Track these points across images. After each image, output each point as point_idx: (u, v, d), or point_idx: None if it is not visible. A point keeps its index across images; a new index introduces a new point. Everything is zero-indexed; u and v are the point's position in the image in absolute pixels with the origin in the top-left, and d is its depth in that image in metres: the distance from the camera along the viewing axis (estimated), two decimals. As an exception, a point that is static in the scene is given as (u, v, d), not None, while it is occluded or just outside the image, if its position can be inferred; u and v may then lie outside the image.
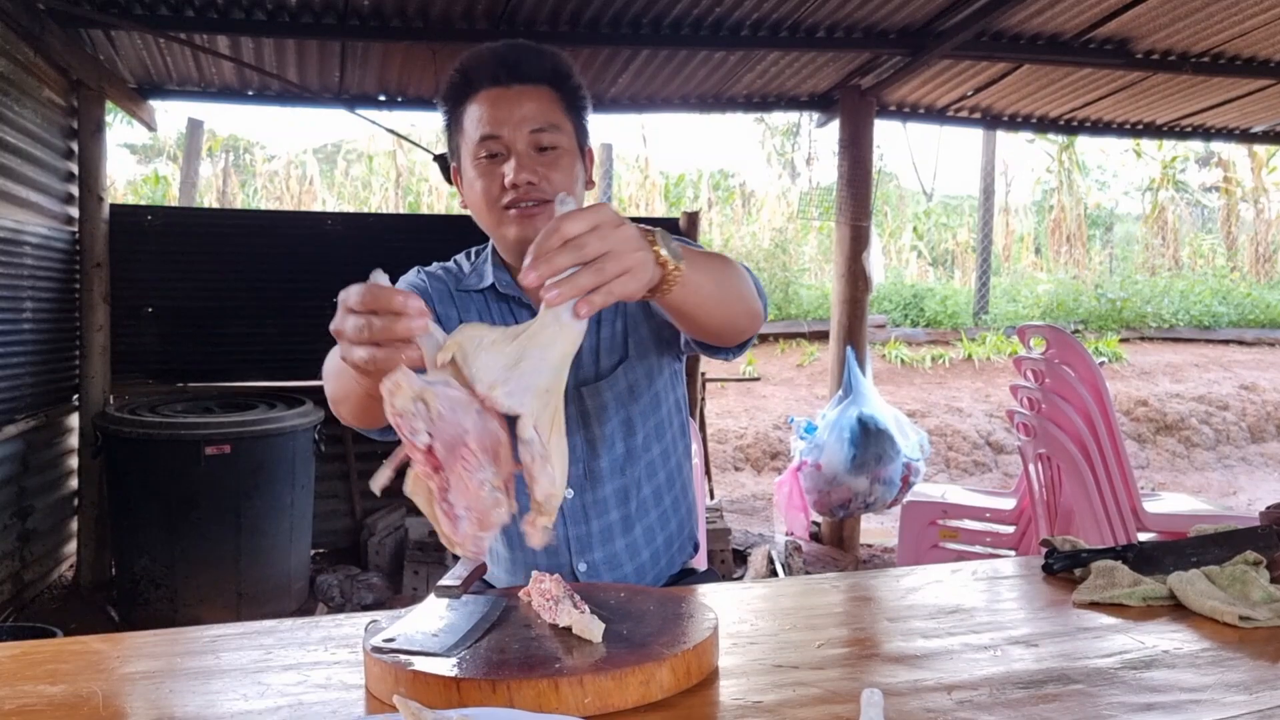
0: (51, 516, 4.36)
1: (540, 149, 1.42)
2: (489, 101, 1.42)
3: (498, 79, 1.42)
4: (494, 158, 1.42)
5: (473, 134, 1.43)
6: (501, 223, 1.44)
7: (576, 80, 1.49)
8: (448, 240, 5.76)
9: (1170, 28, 4.38)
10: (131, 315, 4.68)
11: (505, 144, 1.41)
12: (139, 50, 4.46)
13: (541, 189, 1.41)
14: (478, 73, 1.44)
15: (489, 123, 1.42)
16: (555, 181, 1.42)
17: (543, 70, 1.45)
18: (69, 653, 1.19)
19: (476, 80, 1.44)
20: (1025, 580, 1.52)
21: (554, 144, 1.43)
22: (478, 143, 1.42)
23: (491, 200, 1.43)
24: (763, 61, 4.80)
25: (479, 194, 1.44)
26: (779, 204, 13.33)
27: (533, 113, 1.42)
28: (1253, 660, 1.16)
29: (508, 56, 1.44)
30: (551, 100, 1.44)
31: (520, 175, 1.39)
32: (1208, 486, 7.46)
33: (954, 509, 4.30)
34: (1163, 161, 14.01)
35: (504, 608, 1.19)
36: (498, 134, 1.41)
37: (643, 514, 1.57)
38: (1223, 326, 10.41)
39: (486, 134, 1.41)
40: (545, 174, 1.41)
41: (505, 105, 1.41)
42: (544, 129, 1.42)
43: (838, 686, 1.07)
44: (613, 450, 1.53)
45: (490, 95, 1.42)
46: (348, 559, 4.77)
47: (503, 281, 1.54)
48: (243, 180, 13.57)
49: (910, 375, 8.68)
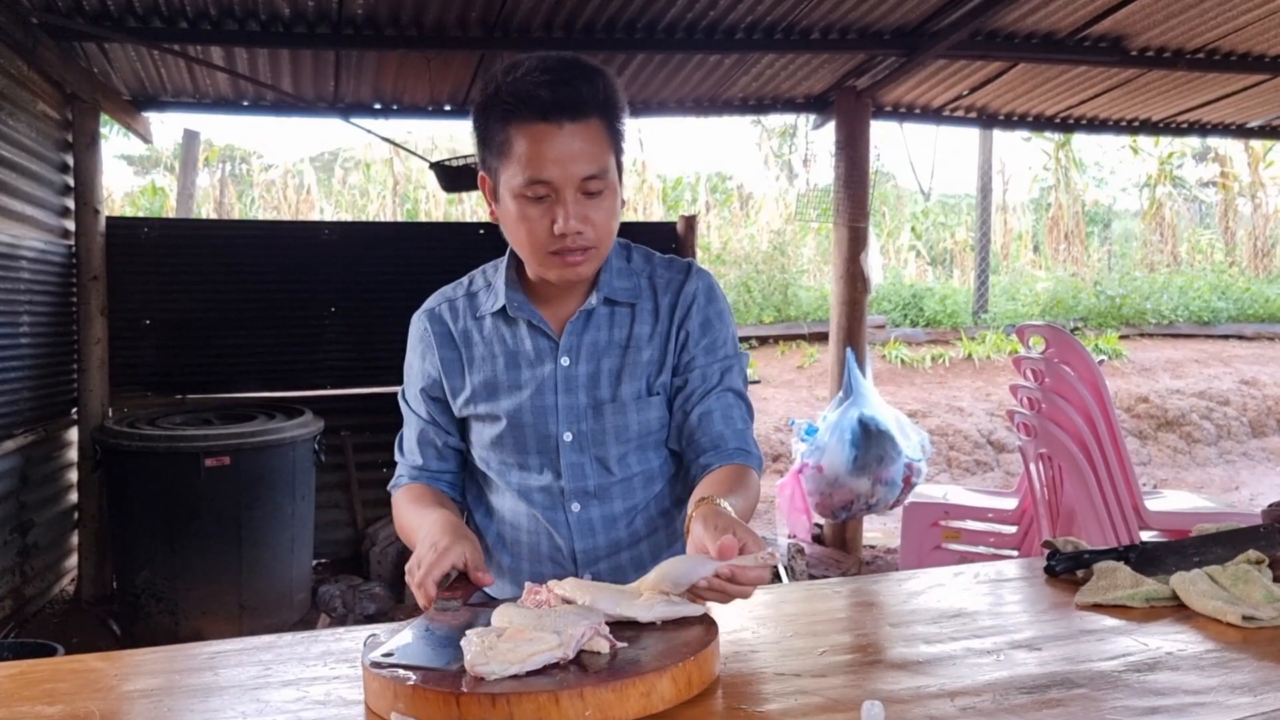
0: (52, 531, 4.35)
1: (588, 194, 1.41)
2: (538, 140, 1.37)
3: (546, 114, 1.36)
4: (541, 199, 1.39)
5: (518, 171, 1.39)
6: (546, 266, 1.44)
7: (621, 100, 1.45)
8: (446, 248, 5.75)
9: (1164, 25, 4.38)
10: (129, 328, 4.68)
11: (554, 189, 1.39)
12: (133, 62, 4.45)
13: (587, 237, 1.41)
14: (526, 102, 1.37)
15: (539, 166, 1.37)
16: (599, 224, 1.42)
17: (594, 101, 1.40)
18: (67, 671, 1.18)
19: (524, 110, 1.37)
20: (1027, 582, 1.51)
21: (600, 188, 1.41)
22: (525, 183, 1.39)
23: (537, 243, 1.42)
24: (758, 64, 4.80)
25: (523, 234, 1.43)
26: (777, 206, 13.33)
27: (582, 157, 1.38)
28: (1257, 661, 1.16)
29: (559, 89, 1.37)
30: (600, 137, 1.40)
31: (570, 224, 1.39)
32: (1210, 482, 7.45)
33: (956, 510, 4.29)
34: (1160, 158, 14.01)
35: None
36: (548, 180, 1.38)
37: (651, 532, 1.58)
38: (1222, 322, 10.41)
39: (536, 178, 1.37)
40: (591, 219, 1.40)
41: (556, 147, 1.36)
42: (593, 175, 1.40)
43: (840, 695, 1.06)
44: (626, 469, 1.54)
45: (540, 132, 1.37)
46: (350, 569, 4.76)
47: (514, 303, 1.52)
48: (240, 190, 13.58)
49: (910, 375, 8.67)
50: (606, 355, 1.52)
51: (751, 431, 1.54)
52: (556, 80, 1.36)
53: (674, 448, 1.56)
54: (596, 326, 1.52)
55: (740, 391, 1.55)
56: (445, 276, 1.71)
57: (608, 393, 1.51)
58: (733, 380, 1.53)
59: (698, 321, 1.53)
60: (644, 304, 1.53)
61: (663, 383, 1.53)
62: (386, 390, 5.02)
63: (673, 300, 1.53)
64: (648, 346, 1.53)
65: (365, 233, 5.93)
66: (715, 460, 1.47)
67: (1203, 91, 5.33)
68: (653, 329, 1.53)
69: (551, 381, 1.51)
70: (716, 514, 1.23)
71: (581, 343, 1.51)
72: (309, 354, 4.94)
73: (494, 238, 1.71)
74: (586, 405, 1.51)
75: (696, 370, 1.52)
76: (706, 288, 1.55)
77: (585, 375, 1.51)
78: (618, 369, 1.52)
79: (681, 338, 1.53)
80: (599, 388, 1.51)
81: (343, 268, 4.95)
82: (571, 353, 1.51)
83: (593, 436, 1.51)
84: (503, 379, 1.52)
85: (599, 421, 1.51)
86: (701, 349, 1.52)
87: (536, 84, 1.36)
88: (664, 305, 1.53)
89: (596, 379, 1.51)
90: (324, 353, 4.96)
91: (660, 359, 1.53)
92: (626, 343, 1.52)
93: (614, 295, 1.52)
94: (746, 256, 11.36)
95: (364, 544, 4.75)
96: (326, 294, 4.94)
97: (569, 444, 1.51)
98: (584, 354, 1.51)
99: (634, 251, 1.58)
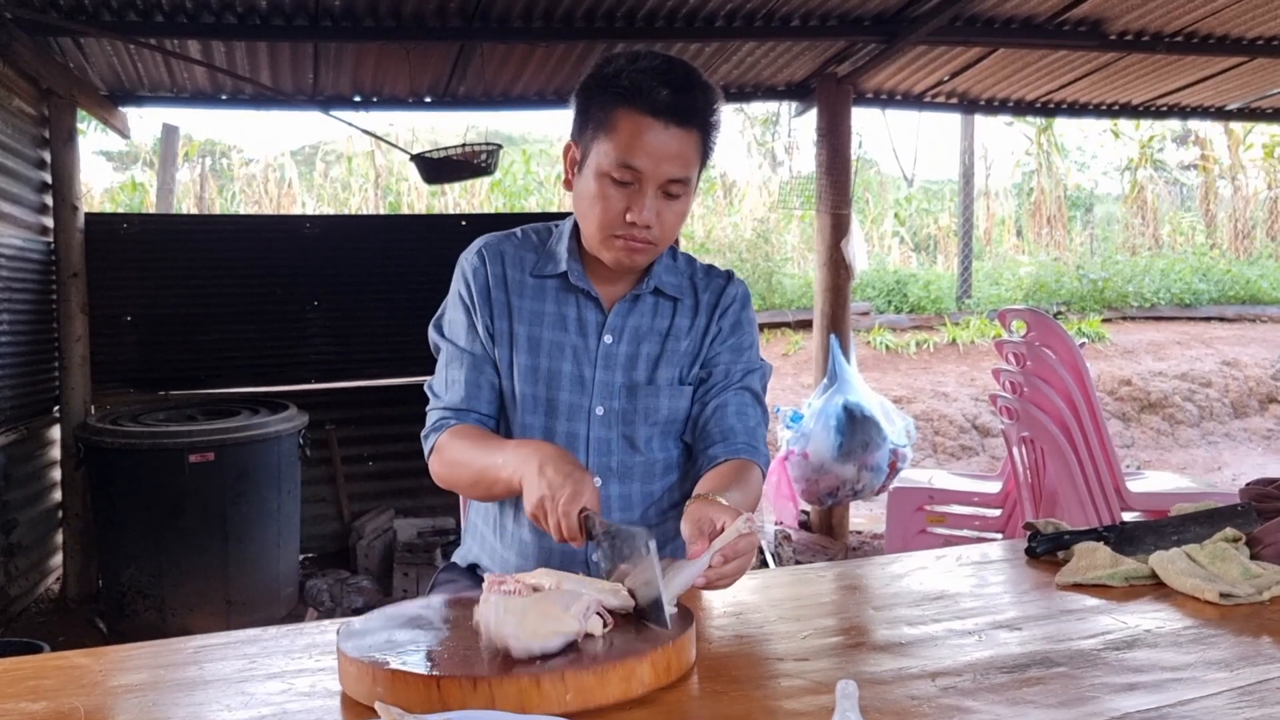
0: (36, 530, 4.33)
1: (668, 194, 1.47)
2: (641, 131, 1.43)
3: (658, 112, 1.42)
4: (624, 185, 1.45)
5: (612, 151, 1.44)
6: (607, 246, 1.50)
7: (721, 121, 1.52)
8: (429, 240, 5.74)
9: (1142, 8, 4.39)
10: (110, 324, 4.64)
11: (639, 178, 1.44)
12: (109, 57, 4.41)
13: (653, 233, 1.48)
14: (642, 91, 1.42)
15: (634, 154, 1.43)
16: (667, 224, 1.49)
17: (701, 114, 1.47)
18: (51, 668, 1.18)
19: (637, 98, 1.43)
20: (1009, 564, 1.53)
21: (680, 192, 1.48)
22: (615, 165, 1.44)
23: (607, 223, 1.48)
24: (738, 52, 4.79)
25: (596, 211, 1.48)
26: (761, 194, 13.32)
27: (675, 160, 1.45)
28: (1234, 637, 1.17)
29: (679, 94, 1.43)
30: (695, 147, 1.47)
31: (644, 216, 1.45)
32: (1192, 463, 7.51)
33: (940, 494, 4.31)
34: (1140, 141, 14.06)
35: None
36: (638, 168, 1.44)
37: (661, 522, 1.60)
38: (1203, 304, 10.47)
39: (628, 163, 1.43)
40: (662, 218, 1.48)
41: (655, 142, 1.43)
42: (678, 179, 1.46)
43: (822, 677, 1.07)
44: (651, 451, 1.58)
45: (644, 124, 1.43)
46: (337, 563, 4.75)
47: (575, 273, 1.58)
48: (221, 185, 13.48)
49: (895, 361, 8.70)
50: (647, 340, 1.59)
51: (764, 432, 1.60)
52: (679, 85, 1.44)
53: (687, 440, 1.61)
54: (642, 312, 1.59)
55: (758, 394, 1.62)
56: (428, 268, 1.72)
57: (644, 375, 1.57)
58: (752, 382, 1.61)
59: (730, 321, 1.62)
60: (686, 300, 1.62)
61: (695, 375, 1.60)
62: (371, 384, 5.01)
63: (713, 300, 1.62)
64: (686, 338, 1.60)
65: (347, 226, 5.89)
66: (722, 452, 1.52)
67: (1182, 74, 5.35)
68: (692, 322, 1.61)
69: (592, 356, 1.56)
70: (702, 507, 1.29)
71: (626, 324, 1.58)
72: (292, 348, 4.92)
73: (476, 229, 1.72)
74: (622, 384, 1.57)
75: (720, 365, 1.60)
76: (744, 295, 1.66)
77: (625, 355, 1.57)
78: (656, 355, 1.58)
79: (714, 333, 1.61)
80: (636, 369, 1.57)
81: (325, 261, 4.93)
82: (615, 332, 1.57)
83: (623, 415, 1.57)
84: (548, 337, 1.57)
85: (631, 401, 1.57)
86: (728, 347, 1.61)
87: (659, 81, 1.43)
88: (704, 303, 1.62)
89: (635, 360, 1.58)
90: (308, 347, 4.94)
91: (695, 351, 1.60)
92: (667, 331, 1.60)
93: (663, 287, 1.60)
94: (730, 245, 11.35)
95: (351, 537, 4.75)
96: (309, 288, 4.92)
97: (600, 418, 1.56)
98: (627, 335, 1.58)
99: (679, 255, 1.67)
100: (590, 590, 1.14)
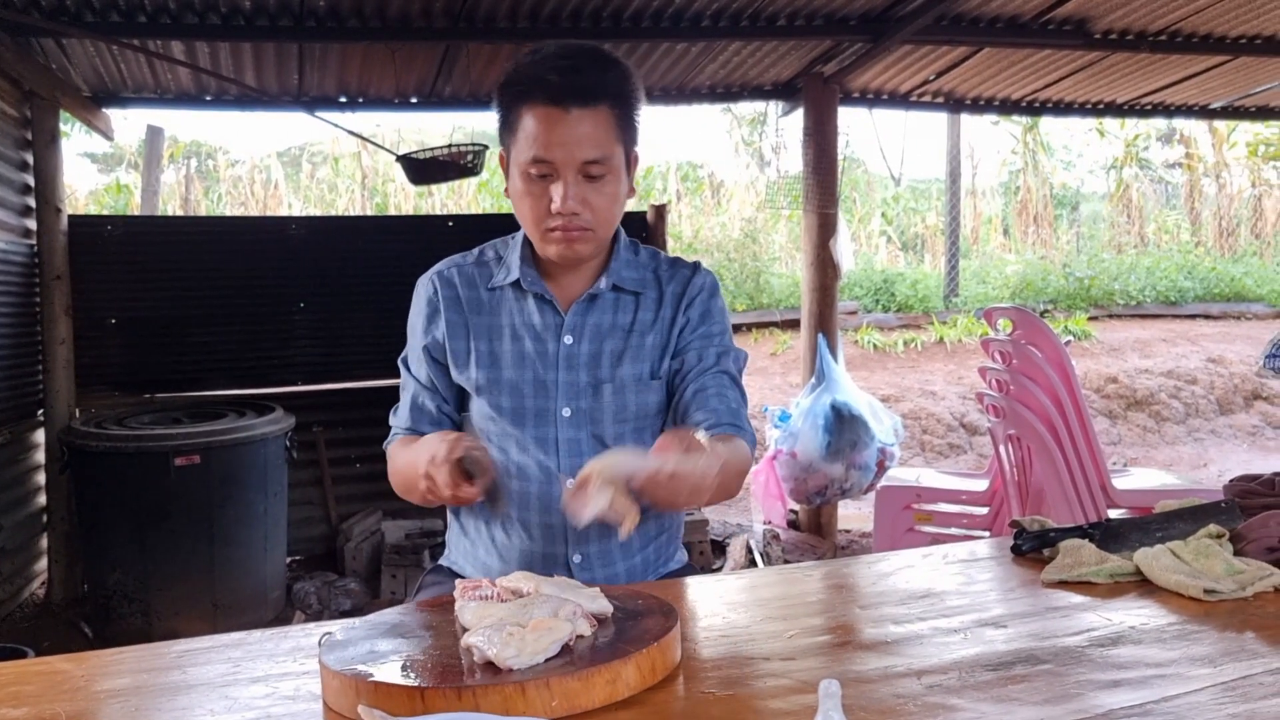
0: (20, 534, 4.30)
1: (589, 177, 1.47)
2: (544, 122, 1.44)
3: (555, 99, 1.43)
4: (544, 178, 1.47)
5: (525, 149, 1.46)
6: (545, 241, 1.51)
7: (635, 92, 1.51)
8: (415, 241, 5.72)
9: (1126, 6, 4.41)
10: (95, 327, 4.61)
11: (555, 168, 1.45)
12: (92, 58, 4.39)
13: (584, 218, 1.48)
14: (537, 84, 1.44)
15: (541, 146, 1.44)
16: (598, 208, 1.49)
17: (604, 89, 1.46)
18: (34, 674, 1.17)
19: (533, 91, 1.44)
20: (996, 562, 1.53)
21: (602, 173, 1.47)
22: (529, 161, 1.46)
23: (537, 219, 1.49)
24: (725, 52, 4.79)
25: (526, 209, 1.51)
26: (748, 193, 13.33)
27: (586, 141, 1.44)
28: (1218, 633, 1.18)
29: (570, 75, 1.43)
30: (607, 124, 1.47)
31: (567, 204, 1.46)
32: (1179, 460, 7.55)
33: (928, 493, 4.32)
34: (1126, 140, 14.13)
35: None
36: (549, 159, 1.45)
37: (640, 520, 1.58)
38: (1189, 301, 10.53)
39: (539, 156, 1.45)
40: (590, 202, 1.48)
41: (560, 130, 1.43)
42: (594, 160, 1.46)
43: (808, 676, 1.07)
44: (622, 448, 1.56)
45: (546, 115, 1.43)
46: (324, 565, 4.73)
47: (528, 278, 1.58)
48: (206, 186, 13.41)
49: (883, 360, 8.71)
50: (610, 337, 1.58)
51: (745, 412, 1.60)
52: (569, 67, 1.44)
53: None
54: (602, 310, 1.58)
55: (735, 376, 1.62)
56: (415, 269, 1.71)
57: (608, 373, 1.56)
58: (727, 364, 1.61)
59: (699, 311, 1.61)
60: (649, 293, 1.61)
61: (666, 368, 1.59)
62: (358, 385, 4.99)
63: (679, 290, 1.61)
64: (651, 332, 1.59)
65: (334, 227, 5.86)
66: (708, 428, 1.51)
67: (1166, 73, 5.38)
68: (656, 315, 1.60)
69: (554, 358, 1.56)
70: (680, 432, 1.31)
71: (586, 323, 1.57)
72: (279, 350, 4.90)
73: (463, 230, 1.71)
74: (586, 383, 1.56)
75: (693, 351, 1.59)
76: (712, 284, 1.65)
77: (587, 354, 1.56)
78: (619, 351, 1.57)
79: (682, 323, 1.60)
80: (600, 367, 1.56)
81: (312, 263, 4.90)
82: (575, 332, 1.56)
83: (590, 414, 1.56)
84: (507, 349, 1.57)
85: (597, 400, 1.56)
86: (699, 335, 1.60)
87: (550, 69, 1.43)
88: (669, 294, 1.61)
89: (598, 359, 1.57)
90: (294, 348, 4.92)
91: (663, 344, 1.59)
92: (630, 326, 1.59)
93: (621, 283, 1.59)
94: (718, 245, 11.36)
95: (338, 540, 4.73)
96: (295, 289, 4.89)
97: (567, 419, 1.55)
98: (588, 334, 1.57)
99: (642, 249, 1.66)
100: (570, 595, 1.14)
